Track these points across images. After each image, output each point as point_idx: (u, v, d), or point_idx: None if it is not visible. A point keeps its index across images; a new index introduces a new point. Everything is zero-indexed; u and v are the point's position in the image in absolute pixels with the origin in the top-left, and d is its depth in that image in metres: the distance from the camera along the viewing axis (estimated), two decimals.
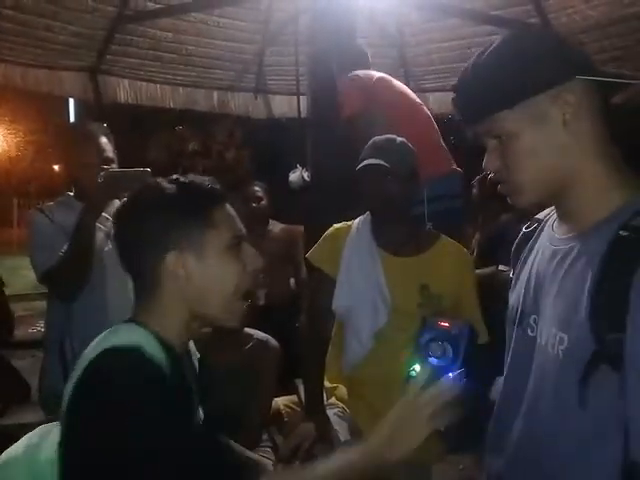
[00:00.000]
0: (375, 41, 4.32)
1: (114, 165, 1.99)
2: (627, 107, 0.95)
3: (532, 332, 1.01)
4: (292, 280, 3.69)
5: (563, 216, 0.98)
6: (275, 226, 3.67)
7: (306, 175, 3.16)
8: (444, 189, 2.67)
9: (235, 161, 25.17)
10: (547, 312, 0.96)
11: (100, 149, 1.98)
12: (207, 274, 1.01)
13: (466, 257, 1.86)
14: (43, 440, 1.02)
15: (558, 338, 0.90)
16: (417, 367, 1.38)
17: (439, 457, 1.92)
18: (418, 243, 1.83)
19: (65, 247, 1.86)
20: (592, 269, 0.86)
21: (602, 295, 0.84)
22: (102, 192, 1.86)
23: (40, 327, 4.26)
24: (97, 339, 0.97)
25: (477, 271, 2.19)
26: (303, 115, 3.66)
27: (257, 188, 3.62)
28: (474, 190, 3.48)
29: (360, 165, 1.79)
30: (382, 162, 1.74)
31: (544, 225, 1.07)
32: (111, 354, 0.90)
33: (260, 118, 5.33)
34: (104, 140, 2.00)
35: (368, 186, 1.78)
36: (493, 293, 1.81)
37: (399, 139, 1.83)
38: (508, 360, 1.14)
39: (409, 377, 1.38)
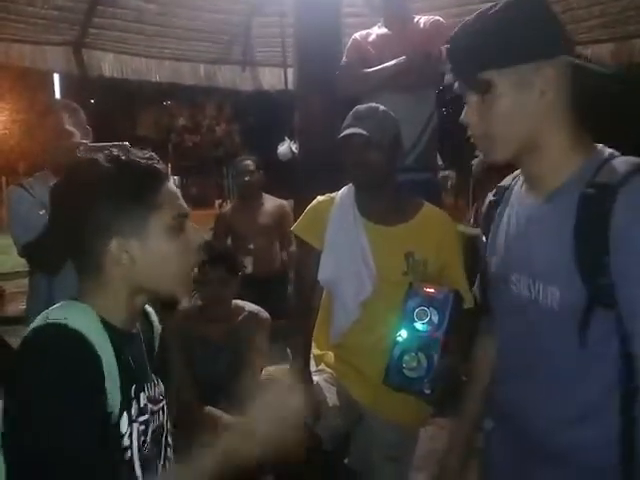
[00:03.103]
0: (361, 10, 4.27)
1: (75, 137, 2.01)
2: (594, 88, 1.04)
3: (516, 289, 1.10)
4: (284, 253, 3.72)
5: (531, 181, 1.09)
6: (267, 199, 3.69)
7: (294, 147, 3.16)
8: (421, 162, 2.70)
9: (225, 135, 25.00)
10: (530, 269, 1.06)
11: (60, 121, 1.99)
12: (151, 256, 0.99)
13: (450, 224, 1.87)
14: None
15: (549, 292, 1.01)
16: (403, 332, 1.41)
17: (426, 420, 1.97)
18: (402, 211, 1.83)
19: (44, 221, 1.87)
20: (569, 225, 0.97)
21: (583, 246, 0.96)
22: None
23: None
24: (43, 313, 0.96)
25: (460, 228, 2.21)
26: (291, 87, 3.63)
27: (249, 162, 3.63)
28: (474, 166, 3.51)
29: (341, 134, 1.78)
30: (362, 131, 1.74)
31: (510, 191, 1.17)
32: (44, 331, 0.91)
33: (248, 90, 5.28)
34: (64, 115, 2.02)
35: (349, 156, 1.78)
36: (477, 254, 1.83)
37: (381, 108, 1.82)
38: (498, 321, 1.20)
39: (396, 342, 1.41)
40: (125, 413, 0.96)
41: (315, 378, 1.80)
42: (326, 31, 3.00)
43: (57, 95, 5.73)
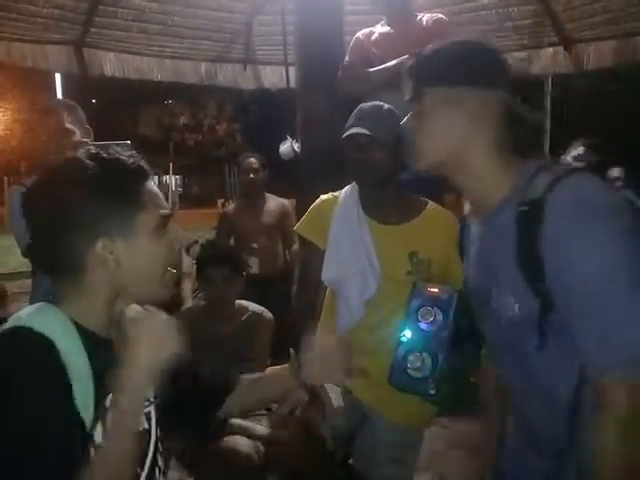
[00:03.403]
0: (363, 9, 4.26)
1: (76, 136, 2.01)
2: (524, 119, 1.11)
3: (494, 305, 1.14)
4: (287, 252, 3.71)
5: (471, 201, 1.18)
6: (269, 198, 3.68)
7: (296, 146, 3.14)
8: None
9: (226, 134, 25.00)
10: (496, 284, 1.13)
11: (60, 119, 1.99)
12: (137, 258, 0.97)
13: (454, 223, 1.85)
14: None
15: (511, 302, 1.08)
16: (408, 332, 1.40)
17: (431, 420, 1.96)
18: (406, 210, 1.83)
19: None
20: (510, 242, 1.05)
21: (523, 258, 1.03)
22: None
23: None
24: (17, 314, 0.93)
25: None
26: (292, 85, 3.62)
27: (254, 159, 3.62)
28: None
29: (344, 134, 1.77)
30: (366, 131, 1.73)
31: (470, 218, 1.26)
32: (10, 334, 0.89)
33: (250, 89, 5.27)
34: (63, 113, 2.02)
35: (353, 155, 1.77)
36: None
37: (385, 106, 1.81)
38: (487, 333, 1.25)
39: (400, 342, 1.41)
40: (100, 423, 0.93)
41: None
42: (328, 29, 2.99)
43: (59, 94, 5.71)
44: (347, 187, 1.89)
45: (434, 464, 2.61)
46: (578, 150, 1.35)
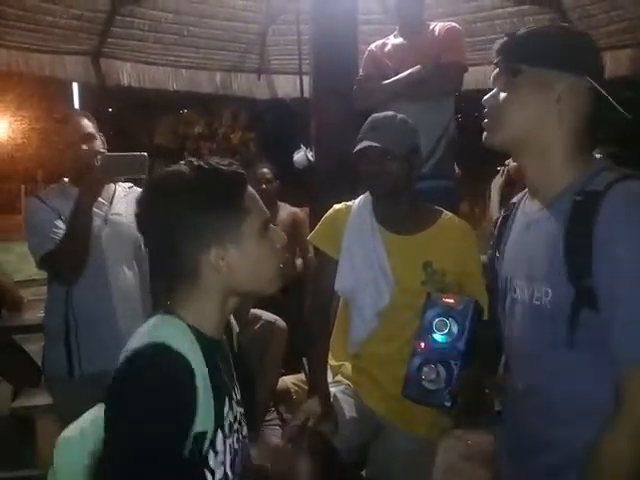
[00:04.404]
0: (377, 18, 4.27)
1: (98, 142, 2.00)
2: (607, 115, 1.14)
3: (516, 294, 1.18)
4: (299, 261, 3.70)
5: (534, 186, 1.18)
6: (283, 208, 3.68)
7: (310, 155, 3.14)
8: (438, 170, 2.68)
9: (241, 143, 25.12)
10: (528, 272, 1.14)
11: (79, 127, 1.98)
12: (248, 262, 1.01)
13: (469, 232, 1.84)
14: (92, 422, 1.03)
15: (543, 291, 1.09)
16: (422, 344, 1.39)
17: (445, 432, 1.94)
18: (420, 220, 1.81)
19: (62, 231, 1.87)
20: (561, 230, 1.07)
21: (572, 249, 1.04)
22: (99, 175, 1.87)
23: None
24: (142, 329, 0.97)
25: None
26: (306, 95, 3.62)
27: (266, 170, 3.62)
28: (499, 177, 3.49)
29: (357, 147, 1.76)
30: (378, 144, 1.71)
31: (518, 206, 1.27)
32: (145, 352, 0.91)
33: (264, 99, 5.29)
34: (84, 120, 2.01)
35: (366, 168, 1.76)
36: None
37: (399, 116, 1.80)
38: (505, 326, 1.24)
39: (414, 354, 1.39)
40: (220, 430, 0.96)
41: (332, 389, 1.78)
42: (342, 39, 2.99)
43: (76, 104, 5.79)
44: (361, 197, 1.88)
45: (449, 477, 2.58)
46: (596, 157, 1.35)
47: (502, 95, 1.14)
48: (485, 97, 1.18)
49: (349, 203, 1.90)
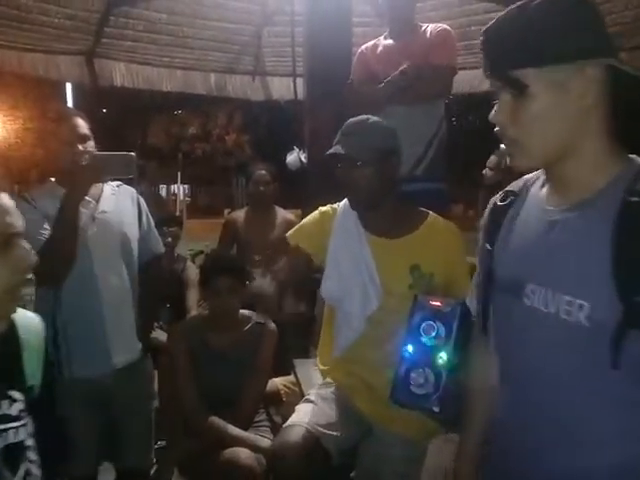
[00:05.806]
0: (371, 20, 4.28)
1: (90, 143, 1.98)
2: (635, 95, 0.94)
3: (528, 301, 1.01)
4: None
5: (559, 185, 1.00)
6: (279, 212, 3.65)
7: (303, 157, 3.14)
8: (429, 172, 2.69)
9: (235, 144, 25.08)
10: (553, 281, 0.97)
11: (75, 127, 1.96)
12: None
13: (456, 234, 1.82)
14: None
15: (577, 305, 0.92)
16: (410, 348, 1.38)
17: (435, 434, 1.94)
18: (406, 223, 1.79)
19: (48, 232, 1.85)
20: (607, 235, 0.89)
21: (624, 259, 0.87)
22: (86, 175, 1.85)
23: None
24: None
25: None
26: (300, 97, 3.63)
27: (264, 172, 3.58)
28: (486, 173, 3.47)
29: (326, 153, 1.72)
30: (342, 150, 1.67)
31: (524, 197, 1.09)
32: None
33: (258, 100, 5.30)
34: (80, 120, 1.99)
35: (338, 175, 1.73)
36: None
37: (371, 120, 1.75)
38: (498, 330, 1.13)
39: (402, 358, 1.38)
40: None
41: (321, 392, 1.78)
42: (336, 41, 3.00)
43: (69, 103, 5.76)
44: (345, 200, 1.85)
45: (438, 479, 2.58)
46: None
47: (514, 113, 0.95)
48: (492, 114, 0.99)
49: (335, 206, 1.88)
